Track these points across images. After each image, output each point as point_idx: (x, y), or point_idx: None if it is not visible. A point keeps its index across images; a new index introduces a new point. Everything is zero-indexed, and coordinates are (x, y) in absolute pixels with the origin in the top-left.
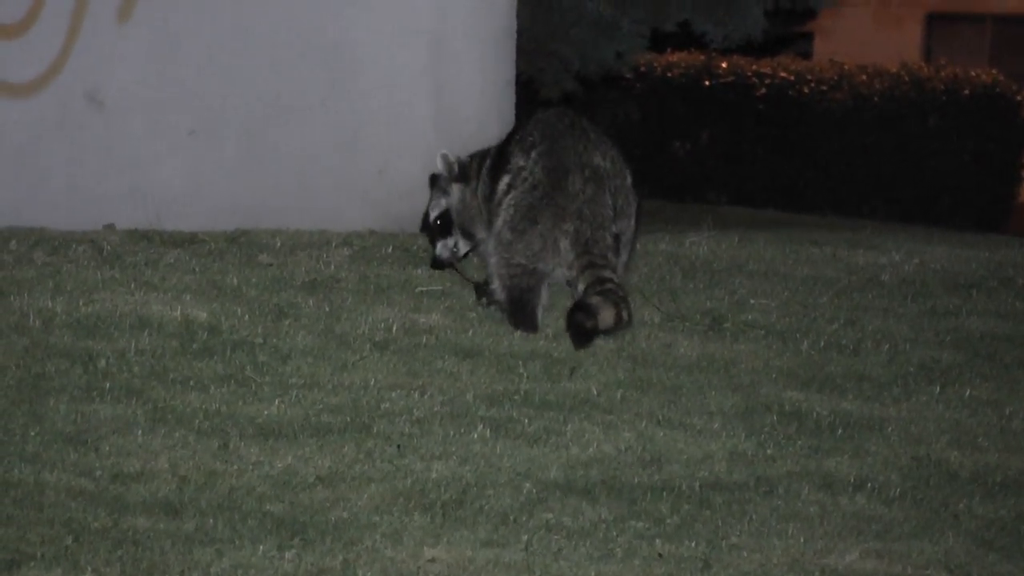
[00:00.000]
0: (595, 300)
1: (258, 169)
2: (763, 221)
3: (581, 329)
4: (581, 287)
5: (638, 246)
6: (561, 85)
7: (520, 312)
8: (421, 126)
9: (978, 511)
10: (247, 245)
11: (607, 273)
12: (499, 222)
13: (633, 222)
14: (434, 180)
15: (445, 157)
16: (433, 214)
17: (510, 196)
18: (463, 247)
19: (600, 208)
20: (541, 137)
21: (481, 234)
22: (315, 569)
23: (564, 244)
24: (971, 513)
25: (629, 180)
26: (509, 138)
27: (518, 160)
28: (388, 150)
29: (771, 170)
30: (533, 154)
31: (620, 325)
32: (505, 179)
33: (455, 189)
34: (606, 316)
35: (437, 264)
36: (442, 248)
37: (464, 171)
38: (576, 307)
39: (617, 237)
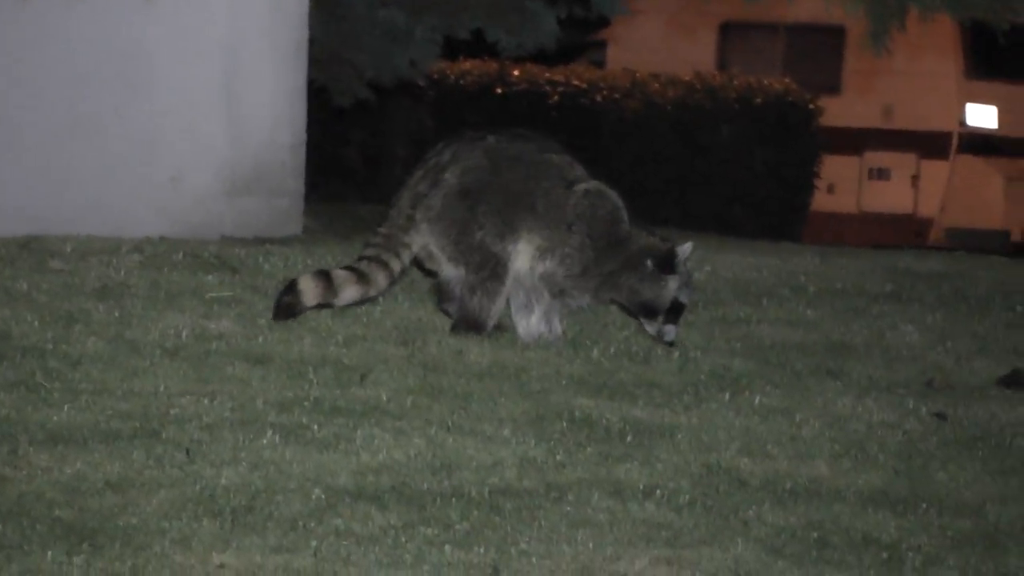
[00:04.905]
0: (318, 275)
1: (51, 175)
2: None
3: (279, 304)
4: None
5: None
6: (354, 92)
7: None
8: (214, 134)
9: (768, 518)
10: (38, 251)
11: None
12: None
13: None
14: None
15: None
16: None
17: None
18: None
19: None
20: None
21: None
22: (104, 575)
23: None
24: (761, 520)
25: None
26: None
27: None
28: (181, 158)
29: None
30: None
31: (331, 303)
32: None
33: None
34: (309, 296)
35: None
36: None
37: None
38: (287, 286)
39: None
